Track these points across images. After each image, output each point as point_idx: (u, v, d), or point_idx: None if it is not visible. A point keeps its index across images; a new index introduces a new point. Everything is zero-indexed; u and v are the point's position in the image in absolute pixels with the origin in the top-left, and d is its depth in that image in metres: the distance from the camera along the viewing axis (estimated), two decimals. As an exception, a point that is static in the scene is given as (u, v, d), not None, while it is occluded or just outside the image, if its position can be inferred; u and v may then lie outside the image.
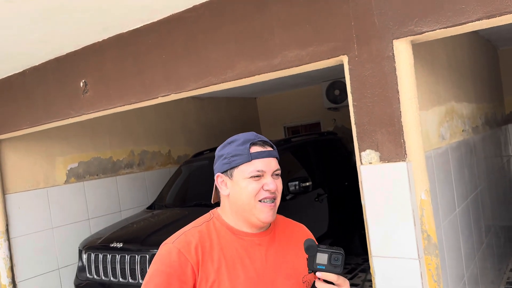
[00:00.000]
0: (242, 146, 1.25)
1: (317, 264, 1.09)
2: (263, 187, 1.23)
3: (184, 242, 1.21)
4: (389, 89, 1.97)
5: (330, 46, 2.14)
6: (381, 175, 2.04)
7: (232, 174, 1.26)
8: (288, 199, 4.20)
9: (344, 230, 4.99)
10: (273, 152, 1.28)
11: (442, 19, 1.82)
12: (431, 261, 1.97)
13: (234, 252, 1.23)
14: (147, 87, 2.83)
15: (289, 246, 1.32)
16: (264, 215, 1.23)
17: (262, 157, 1.24)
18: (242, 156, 1.24)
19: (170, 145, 5.98)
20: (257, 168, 1.23)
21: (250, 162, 1.23)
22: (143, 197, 5.47)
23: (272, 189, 1.23)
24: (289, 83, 6.54)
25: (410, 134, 1.97)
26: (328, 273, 1.09)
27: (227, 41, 2.46)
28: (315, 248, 1.10)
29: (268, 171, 1.24)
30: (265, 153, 1.25)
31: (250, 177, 1.23)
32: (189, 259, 1.18)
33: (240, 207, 1.25)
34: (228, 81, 2.48)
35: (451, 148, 2.83)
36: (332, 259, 1.09)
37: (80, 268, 3.93)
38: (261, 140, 1.28)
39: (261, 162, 1.23)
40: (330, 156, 5.32)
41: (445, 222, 2.51)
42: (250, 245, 1.26)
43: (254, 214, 1.23)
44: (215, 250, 1.22)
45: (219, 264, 1.20)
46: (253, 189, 1.22)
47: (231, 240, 1.25)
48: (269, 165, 1.25)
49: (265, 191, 1.23)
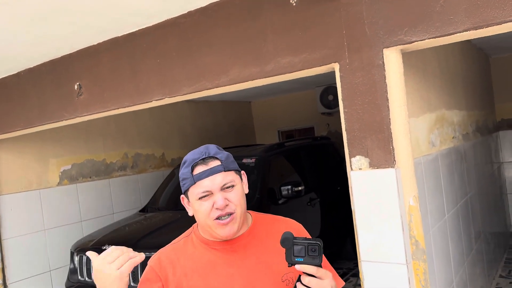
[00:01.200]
0: (186, 169, 1.27)
1: (295, 257, 1.07)
2: (214, 205, 1.23)
3: (157, 261, 1.32)
4: (378, 96, 2.01)
5: (322, 54, 2.17)
6: (370, 181, 2.07)
7: (188, 196, 1.30)
8: (280, 203, 4.23)
9: (336, 235, 5.02)
10: (217, 168, 1.24)
11: (431, 29, 1.86)
12: (419, 266, 2.00)
13: (206, 262, 1.28)
14: (141, 90, 2.85)
15: (269, 246, 1.31)
16: (222, 231, 1.25)
17: (204, 177, 1.23)
18: (188, 179, 1.26)
19: (164, 148, 5.99)
20: (202, 190, 1.23)
21: (195, 184, 1.24)
22: (136, 199, 5.47)
23: (220, 206, 1.22)
24: (284, 87, 6.58)
25: (399, 141, 2.00)
26: (307, 266, 1.07)
27: (221, 46, 2.48)
28: (291, 241, 1.08)
29: (214, 188, 1.23)
30: (206, 172, 1.24)
31: (199, 198, 1.24)
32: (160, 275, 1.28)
33: (202, 226, 1.31)
34: (222, 86, 2.51)
35: (441, 155, 2.87)
36: (309, 250, 1.07)
37: (71, 270, 3.92)
38: (203, 158, 1.26)
39: (205, 182, 1.23)
40: (323, 160, 5.36)
41: (434, 228, 2.55)
42: (224, 253, 1.30)
43: (215, 232, 1.27)
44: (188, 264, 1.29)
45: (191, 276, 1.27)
46: (204, 210, 1.24)
47: (205, 252, 1.30)
48: (214, 182, 1.23)
49: (216, 210, 1.23)
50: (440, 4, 1.83)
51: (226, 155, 1.29)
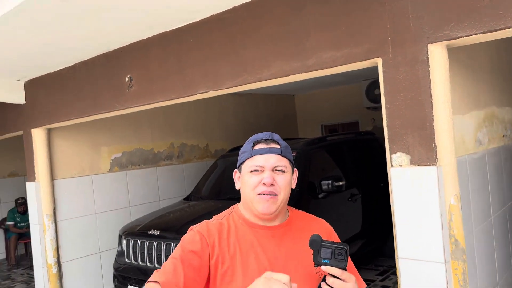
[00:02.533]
0: (249, 144, 1.37)
1: (322, 258, 1.13)
2: (262, 181, 1.32)
3: (205, 228, 1.36)
4: (422, 93, 1.98)
5: (364, 48, 2.16)
6: (410, 178, 2.05)
7: (241, 169, 1.39)
8: (320, 197, 4.24)
9: (377, 232, 4.95)
10: (275, 149, 1.34)
11: (478, 24, 1.80)
12: (458, 266, 1.97)
13: (249, 243, 1.34)
14: (187, 83, 2.96)
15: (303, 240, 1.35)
16: (261, 206, 1.32)
17: (262, 153, 1.33)
18: (247, 152, 1.36)
19: (208, 139, 6.15)
20: (256, 163, 1.33)
21: (252, 157, 1.34)
22: (181, 188, 5.67)
23: (267, 182, 1.30)
24: (328, 81, 6.53)
25: (441, 139, 1.97)
26: (333, 268, 1.13)
27: (264, 41, 2.53)
28: (319, 243, 1.14)
29: (267, 166, 1.32)
30: (265, 149, 1.34)
31: (251, 171, 1.33)
32: (208, 241, 1.32)
33: (245, 199, 1.38)
34: (263, 80, 2.56)
35: (489, 154, 2.77)
36: (335, 253, 1.13)
37: (119, 252, 4.15)
38: (267, 139, 1.37)
39: (261, 158, 1.33)
40: (366, 156, 5.28)
41: (478, 228, 2.48)
42: (263, 237, 1.35)
43: (254, 206, 1.34)
44: (232, 239, 1.34)
45: (234, 252, 1.31)
46: (252, 182, 1.32)
47: (247, 232, 1.36)
48: (268, 161, 1.33)
49: (262, 185, 1.31)
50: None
51: (286, 145, 1.41)
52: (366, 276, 4.93)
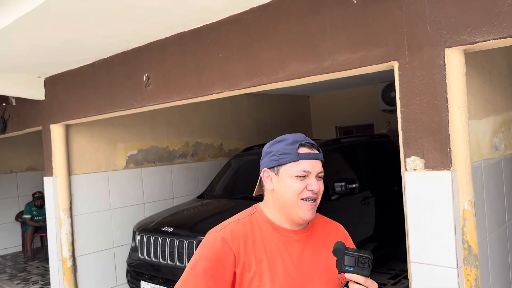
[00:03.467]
0: (291, 146, 1.32)
1: (345, 266, 1.16)
2: (307, 187, 1.30)
3: (229, 232, 1.30)
4: (438, 97, 1.97)
5: (381, 51, 2.16)
6: (424, 182, 2.04)
7: (278, 171, 1.33)
8: (333, 199, 4.23)
9: (390, 235, 4.92)
10: (319, 155, 1.34)
11: (496, 29, 1.79)
12: (471, 272, 1.96)
13: (274, 246, 1.31)
14: (203, 83, 3.00)
15: (325, 244, 1.38)
16: (305, 213, 1.31)
17: (309, 158, 1.31)
18: (291, 155, 1.31)
19: (222, 138, 6.19)
20: (303, 168, 1.30)
21: (298, 161, 1.30)
22: (195, 186, 5.73)
23: (315, 189, 1.30)
24: (344, 83, 6.50)
25: (457, 143, 1.96)
26: (356, 275, 1.15)
27: (280, 43, 2.55)
28: (342, 252, 1.17)
29: (313, 172, 1.31)
30: (312, 155, 1.32)
31: (296, 176, 1.30)
32: (232, 248, 1.28)
33: (283, 203, 1.33)
34: (279, 81, 2.58)
35: (505, 160, 2.74)
36: (359, 262, 1.15)
37: (133, 248, 4.22)
38: (309, 142, 1.35)
39: (308, 163, 1.30)
40: (380, 159, 5.25)
41: (492, 234, 2.45)
42: (289, 241, 1.33)
43: (295, 211, 1.31)
44: (257, 243, 1.31)
45: (260, 256, 1.28)
46: (297, 188, 1.29)
47: (272, 235, 1.33)
48: (315, 166, 1.31)
49: (308, 191, 1.30)
50: (508, 3, 1.76)
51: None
52: (378, 280, 4.88)
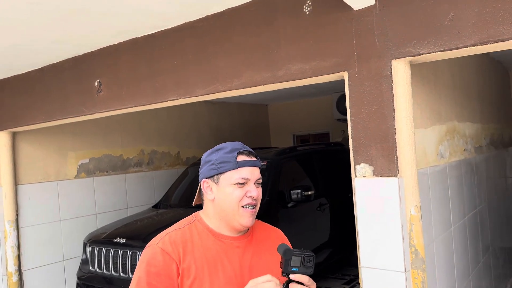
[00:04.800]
0: (230, 154, 1.34)
1: (292, 267, 1.18)
2: (246, 193, 1.33)
3: (168, 242, 1.30)
4: (385, 106, 2.05)
5: (332, 62, 2.22)
6: (373, 189, 2.11)
7: (218, 179, 1.34)
8: (289, 206, 4.27)
9: (345, 241, 5.03)
10: (257, 162, 1.37)
11: (439, 42, 1.89)
12: (418, 275, 2.03)
13: (215, 253, 1.33)
14: (157, 90, 2.95)
15: (265, 249, 1.41)
16: (246, 219, 1.33)
17: (247, 166, 1.33)
18: (230, 163, 1.33)
19: (179, 146, 6.11)
20: (243, 176, 1.32)
21: (237, 169, 1.32)
22: (150, 195, 5.60)
23: (254, 196, 1.33)
24: (301, 92, 6.62)
25: (403, 151, 2.04)
26: (302, 275, 1.18)
27: (235, 51, 2.56)
28: (291, 252, 1.19)
29: (252, 179, 1.34)
30: (250, 162, 1.34)
31: (236, 183, 1.32)
32: (173, 256, 1.28)
33: (224, 212, 1.34)
34: (234, 89, 2.58)
35: (450, 167, 2.88)
36: (305, 261, 1.18)
37: (83, 260, 4.05)
38: (247, 150, 1.37)
39: (247, 170, 1.33)
40: (335, 166, 5.37)
41: (438, 238, 2.56)
42: (229, 248, 1.35)
43: (236, 219, 1.33)
44: (197, 250, 1.31)
45: (201, 264, 1.29)
46: (237, 196, 1.32)
47: (212, 242, 1.34)
48: (253, 173, 1.34)
49: (248, 198, 1.33)
50: (449, 18, 1.86)
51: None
52: (333, 285, 4.98)
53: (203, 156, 1.44)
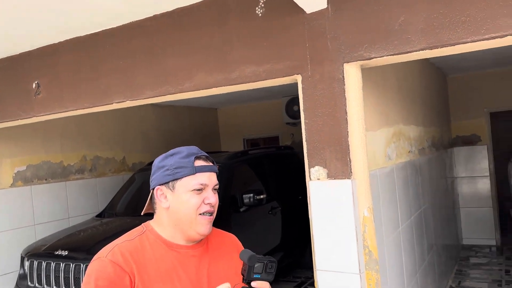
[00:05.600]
0: (186, 159, 1.26)
1: (254, 273, 1.15)
2: (204, 200, 1.25)
3: (118, 254, 1.21)
4: (338, 109, 2.06)
5: (285, 65, 2.21)
6: (327, 191, 2.11)
7: (174, 186, 1.26)
8: (242, 211, 4.23)
9: (296, 244, 5.06)
10: (214, 167, 1.31)
11: (389, 46, 1.93)
12: (372, 276, 2.05)
13: (170, 264, 1.25)
14: (102, 92, 2.79)
15: (221, 256, 1.36)
16: (203, 228, 1.26)
17: (205, 171, 1.26)
18: (187, 168, 1.25)
19: (125, 151, 5.86)
20: (201, 182, 1.25)
21: (194, 175, 1.25)
22: (94, 204, 5.31)
23: (212, 202, 1.26)
24: (251, 96, 6.62)
25: (356, 153, 2.06)
26: (263, 282, 1.15)
27: (186, 52, 2.48)
28: (256, 258, 1.16)
29: (210, 185, 1.27)
30: (208, 167, 1.28)
31: (193, 190, 1.24)
32: (125, 269, 1.18)
33: (179, 220, 1.26)
34: (186, 91, 2.50)
35: (397, 168, 2.97)
36: (267, 267, 1.16)
37: (21, 276, 3.75)
38: (204, 155, 1.30)
39: (204, 176, 1.26)
40: (286, 170, 5.40)
41: (389, 238, 2.63)
42: (184, 257, 1.28)
43: (193, 227, 1.26)
44: (150, 263, 1.22)
45: (155, 276, 1.21)
46: (195, 203, 1.24)
47: (166, 253, 1.26)
48: (211, 179, 1.28)
49: (206, 205, 1.25)
50: (399, 23, 1.91)
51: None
52: (285, 289, 4.99)
53: (155, 161, 1.34)
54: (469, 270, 5.05)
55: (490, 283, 4.57)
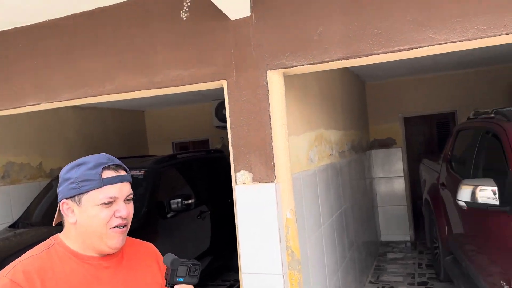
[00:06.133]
0: (93, 171, 1.18)
1: (177, 277, 1.15)
2: (115, 213, 1.18)
3: (20, 272, 1.12)
4: (262, 115, 2.11)
5: (211, 70, 2.22)
6: (253, 195, 2.15)
7: (80, 200, 1.18)
8: (169, 216, 4.15)
9: (225, 247, 5.08)
10: (127, 177, 1.23)
11: (309, 56, 2.02)
12: (295, 276, 2.13)
13: (82, 278, 1.18)
14: (14, 94, 2.60)
15: (137, 265, 1.32)
16: (115, 241, 1.20)
17: (115, 183, 1.19)
18: (93, 181, 1.17)
19: (42, 156, 5.48)
20: (109, 195, 1.17)
21: (102, 188, 1.17)
22: (6, 214, 4.89)
23: (124, 215, 1.19)
24: (180, 99, 6.53)
25: (279, 158, 2.13)
26: (186, 285, 1.16)
27: (107, 53, 2.39)
28: (179, 262, 1.16)
29: (121, 196, 1.20)
30: (118, 178, 1.20)
31: (101, 204, 1.17)
32: None
33: (88, 236, 1.19)
34: (107, 94, 2.41)
35: (319, 171, 3.11)
36: (191, 270, 1.16)
37: None
38: (114, 164, 1.22)
39: (114, 188, 1.18)
40: (215, 173, 5.41)
41: (311, 238, 2.74)
42: (97, 270, 1.22)
43: (104, 242, 1.19)
44: (60, 278, 1.15)
45: None
46: (104, 217, 1.17)
47: (77, 266, 1.20)
48: (122, 190, 1.20)
49: (117, 218, 1.19)
50: (318, 33, 2.00)
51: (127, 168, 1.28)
52: (214, 293, 4.98)
53: (61, 172, 1.24)
54: (387, 265, 5.41)
55: (405, 276, 4.93)
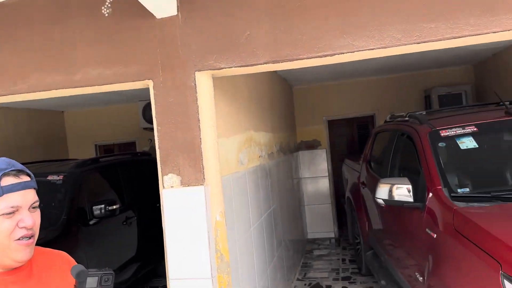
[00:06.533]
0: None
1: None
2: (18, 224, 1.09)
3: None
4: (191, 116, 2.08)
5: (136, 69, 2.14)
6: (181, 199, 2.11)
7: None
8: (91, 224, 3.93)
9: (153, 253, 4.93)
10: (31, 183, 1.14)
11: (237, 58, 2.03)
12: (223, 279, 2.12)
13: None
14: None
15: (49, 277, 1.23)
16: (21, 254, 1.11)
17: (16, 190, 1.09)
18: None
19: None
20: (11, 204, 1.08)
21: (2, 196, 1.07)
22: None
23: (29, 225, 1.10)
24: (103, 99, 6.21)
25: (208, 160, 2.10)
26: None
27: (19, 49, 2.20)
28: (86, 273, 1.08)
29: (24, 205, 1.11)
30: (20, 185, 1.10)
31: (2, 214, 1.07)
32: None
33: None
34: (19, 93, 2.22)
35: (249, 172, 3.13)
36: (102, 280, 1.09)
37: None
38: (15, 170, 1.12)
39: (16, 196, 1.09)
40: (142, 177, 5.22)
41: (241, 240, 2.75)
42: (3, 286, 1.12)
43: (8, 256, 1.10)
44: None
45: None
46: (6, 228, 1.08)
47: None
48: (26, 198, 1.11)
49: (21, 229, 1.09)
50: (245, 36, 2.02)
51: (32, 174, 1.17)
52: (141, 301, 4.81)
53: None
54: (313, 261, 5.61)
55: (330, 272, 5.14)
